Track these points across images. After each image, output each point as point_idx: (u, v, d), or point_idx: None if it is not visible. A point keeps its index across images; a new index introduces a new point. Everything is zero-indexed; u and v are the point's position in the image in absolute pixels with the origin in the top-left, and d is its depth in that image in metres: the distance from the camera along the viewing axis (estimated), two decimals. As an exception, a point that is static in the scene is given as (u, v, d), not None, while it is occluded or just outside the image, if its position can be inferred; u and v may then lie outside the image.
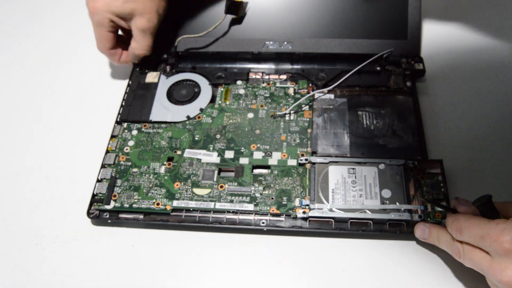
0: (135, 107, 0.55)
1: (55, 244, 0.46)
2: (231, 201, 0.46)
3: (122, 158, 0.50)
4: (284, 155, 0.49)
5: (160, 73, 0.58)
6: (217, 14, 0.58)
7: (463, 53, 0.60)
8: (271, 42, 0.58)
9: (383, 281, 0.42)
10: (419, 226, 0.42)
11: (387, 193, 0.45)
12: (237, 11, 0.57)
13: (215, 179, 0.48)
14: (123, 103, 0.55)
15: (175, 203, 0.46)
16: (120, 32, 0.58)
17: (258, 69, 0.58)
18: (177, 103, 0.55)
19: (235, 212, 0.46)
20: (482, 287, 0.40)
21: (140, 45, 0.55)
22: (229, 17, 0.58)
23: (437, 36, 0.61)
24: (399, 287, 0.42)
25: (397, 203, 0.44)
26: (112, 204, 0.47)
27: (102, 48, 0.56)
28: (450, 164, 0.48)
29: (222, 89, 0.56)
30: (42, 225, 0.47)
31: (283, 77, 0.57)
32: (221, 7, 0.57)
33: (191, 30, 0.58)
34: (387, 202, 0.45)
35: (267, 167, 0.49)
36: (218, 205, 0.46)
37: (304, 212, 0.45)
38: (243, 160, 0.49)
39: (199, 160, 0.49)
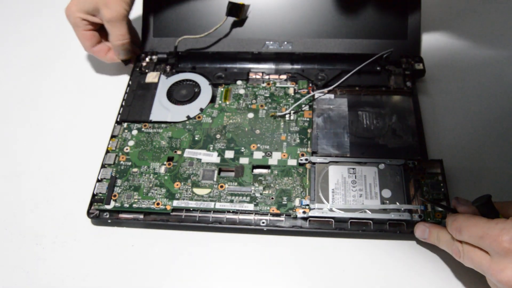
0: (135, 107, 0.55)
1: (55, 244, 0.46)
2: (231, 201, 0.46)
3: (122, 158, 0.50)
4: (284, 155, 0.49)
5: (160, 73, 0.58)
6: (218, 15, 0.58)
7: (463, 53, 0.60)
8: (271, 42, 0.58)
9: (383, 281, 0.42)
10: (419, 226, 0.42)
11: (387, 193, 0.45)
12: (238, 13, 0.57)
13: (215, 179, 0.48)
14: (123, 103, 0.55)
15: (175, 203, 0.46)
16: None
17: (258, 69, 0.58)
18: (177, 103, 0.55)
19: (235, 212, 0.46)
20: (482, 287, 0.40)
21: (113, 35, 0.55)
22: (230, 18, 0.58)
23: (437, 36, 0.61)
24: (399, 287, 0.42)
25: (397, 203, 0.45)
26: (112, 204, 0.47)
27: (85, 48, 0.57)
28: (450, 164, 0.48)
29: (222, 89, 0.56)
30: (42, 225, 0.47)
31: (283, 77, 0.57)
32: (222, 8, 0.57)
33: (192, 30, 0.58)
34: (387, 202, 0.45)
35: (267, 167, 0.49)
36: (218, 205, 0.46)
37: (304, 212, 0.45)
38: (243, 160, 0.49)
39: (199, 160, 0.49)
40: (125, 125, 0.53)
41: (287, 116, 0.53)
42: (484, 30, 0.62)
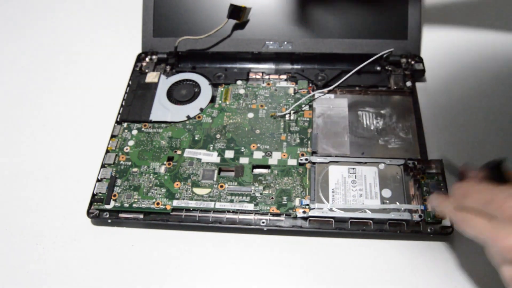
0: (135, 107, 0.55)
1: (55, 244, 0.46)
2: (231, 201, 0.46)
3: (122, 157, 0.50)
4: (284, 155, 0.49)
5: (160, 73, 0.58)
6: (219, 15, 0.58)
7: (463, 53, 0.60)
8: (271, 42, 0.58)
9: (383, 281, 0.42)
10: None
11: (387, 193, 0.45)
12: (239, 16, 0.56)
13: (215, 179, 0.48)
14: (123, 103, 0.55)
15: (175, 203, 0.46)
16: None
17: (258, 69, 0.58)
18: (177, 103, 0.55)
19: (235, 211, 0.46)
20: (481, 286, 0.40)
21: None
22: (231, 20, 0.57)
23: (437, 36, 0.61)
24: (399, 287, 0.42)
25: (397, 203, 0.45)
26: (112, 203, 0.47)
27: None
28: (450, 164, 0.48)
29: (222, 89, 0.56)
30: (42, 225, 0.47)
31: (283, 77, 0.57)
32: (222, 8, 0.57)
33: (192, 30, 0.58)
34: (387, 201, 0.45)
35: (267, 167, 0.49)
36: (218, 205, 0.46)
37: (304, 212, 0.45)
38: (243, 160, 0.49)
39: (199, 160, 0.49)
40: (125, 125, 0.53)
41: (287, 116, 0.53)
42: (484, 29, 0.62)
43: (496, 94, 0.55)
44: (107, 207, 0.47)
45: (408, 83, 0.54)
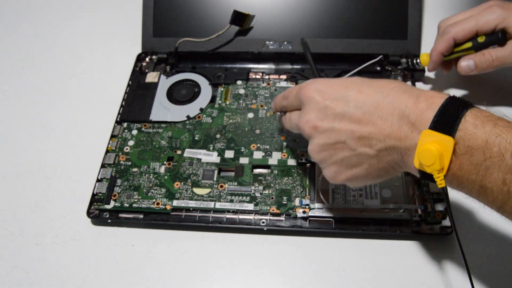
0: (135, 107, 0.55)
1: (55, 244, 0.46)
2: (231, 201, 0.46)
3: (122, 158, 0.50)
4: (284, 155, 0.49)
5: (160, 73, 0.58)
6: (219, 16, 0.58)
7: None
8: (271, 42, 0.58)
9: (383, 281, 0.42)
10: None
11: (387, 193, 0.45)
12: (242, 23, 0.56)
13: (215, 179, 0.48)
14: (123, 103, 0.55)
15: (175, 203, 0.46)
16: None
17: (258, 69, 0.58)
18: (177, 103, 0.55)
19: (235, 211, 0.46)
20: (481, 286, 0.40)
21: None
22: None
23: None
24: (399, 287, 0.42)
25: (397, 203, 0.44)
26: (112, 203, 0.47)
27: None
28: (450, 164, 0.48)
29: (222, 89, 0.56)
30: (42, 225, 0.47)
31: (283, 77, 0.57)
32: (224, 9, 0.57)
33: (192, 30, 0.58)
34: (387, 202, 0.45)
35: (267, 166, 0.49)
36: (218, 205, 0.46)
37: (304, 212, 0.45)
38: (243, 160, 0.49)
39: (199, 160, 0.49)
40: (125, 125, 0.53)
41: (287, 116, 0.53)
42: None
43: (497, 93, 0.55)
44: (107, 207, 0.47)
45: (408, 83, 0.54)
